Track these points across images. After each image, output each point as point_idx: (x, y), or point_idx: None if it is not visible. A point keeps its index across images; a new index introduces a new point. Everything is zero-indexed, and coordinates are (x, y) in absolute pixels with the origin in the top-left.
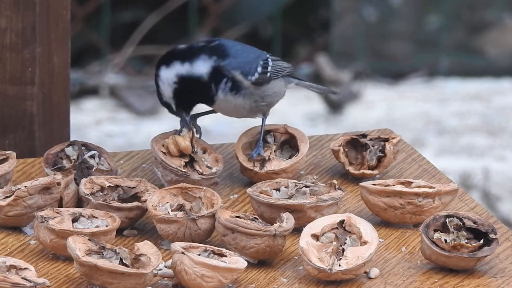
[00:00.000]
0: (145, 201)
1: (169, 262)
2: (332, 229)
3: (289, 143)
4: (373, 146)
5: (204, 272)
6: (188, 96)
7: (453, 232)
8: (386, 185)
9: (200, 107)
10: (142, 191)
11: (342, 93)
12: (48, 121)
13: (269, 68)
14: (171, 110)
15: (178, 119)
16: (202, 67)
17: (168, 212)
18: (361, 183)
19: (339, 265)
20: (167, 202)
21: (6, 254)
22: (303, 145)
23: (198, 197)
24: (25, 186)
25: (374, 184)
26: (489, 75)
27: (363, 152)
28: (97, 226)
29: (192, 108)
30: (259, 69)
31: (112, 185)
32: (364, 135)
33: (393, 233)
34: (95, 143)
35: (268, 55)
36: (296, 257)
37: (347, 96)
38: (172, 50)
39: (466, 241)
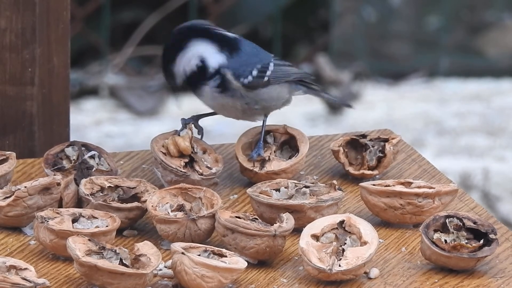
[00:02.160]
0: (145, 201)
1: (169, 263)
2: (332, 229)
3: (289, 143)
4: (373, 146)
5: (204, 272)
6: (193, 79)
7: (453, 233)
8: (386, 186)
9: (202, 108)
10: (142, 192)
11: (342, 93)
12: (48, 121)
13: (268, 72)
14: (171, 82)
15: (179, 119)
16: (217, 60)
17: (168, 213)
18: (361, 184)
19: (339, 266)
20: (167, 203)
21: (6, 254)
22: (303, 146)
23: (198, 197)
24: (25, 187)
25: (374, 185)
26: (489, 76)
27: (363, 153)
28: (97, 227)
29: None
30: (255, 73)
31: (112, 186)
32: (364, 136)
33: (393, 234)
34: (95, 143)
35: (272, 59)
36: (296, 258)
37: (347, 96)
38: (208, 29)
39: (466, 241)
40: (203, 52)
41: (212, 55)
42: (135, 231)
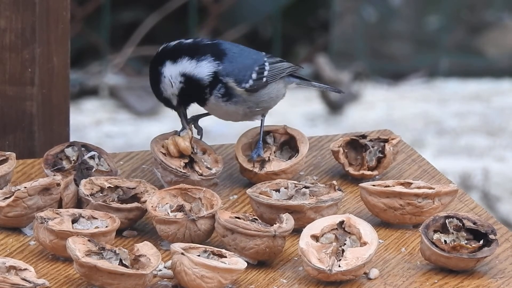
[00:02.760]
0: (144, 202)
1: (168, 263)
2: (331, 230)
3: (288, 143)
4: (372, 147)
5: (204, 273)
6: (189, 94)
7: (452, 233)
8: (385, 186)
9: (201, 109)
10: (141, 192)
11: (342, 93)
12: (48, 121)
13: (266, 73)
14: (169, 105)
15: (179, 119)
16: (206, 69)
17: (168, 213)
18: (361, 184)
19: (339, 266)
20: (166, 203)
21: (6, 254)
22: (302, 146)
23: (198, 198)
24: (25, 187)
25: (373, 185)
26: (489, 76)
27: (363, 153)
28: (96, 227)
29: (190, 104)
30: (254, 76)
31: (112, 186)
32: (363, 136)
33: (392, 234)
34: (94, 143)
35: (265, 58)
36: (296, 258)
37: (347, 96)
38: (179, 45)
39: (466, 241)
40: (184, 69)
41: (195, 67)
42: (134, 232)
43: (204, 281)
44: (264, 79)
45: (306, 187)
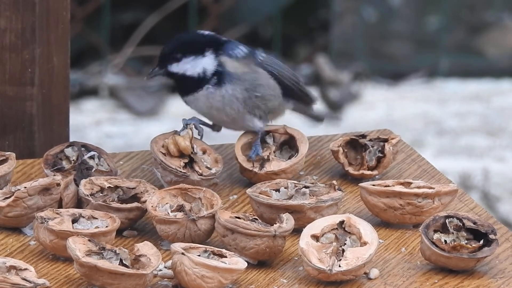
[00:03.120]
0: (144, 201)
1: (169, 263)
2: (332, 229)
3: (288, 143)
4: (372, 146)
5: (204, 272)
6: (189, 84)
7: (453, 233)
8: (385, 186)
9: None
10: (141, 192)
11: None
12: (48, 121)
13: (260, 57)
14: (159, 67)
15: (178, 119)
16: (212, 67)
17: (168, 213)
18: (361, 184)
19: (339, 266)
20: (166, 203)
21: (6, 254)
22: (302, 146)
23: (198, 197)
24: (25, 187)
25: (373, 185)
26: (489, 76)
27: (363, 153)
28: (96, 227)
29: None
30: (245, 49)
31: (112, 186)
32: (363, 136)
33: (392, 234)
34: (94, 143)
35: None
36: (296, 258)
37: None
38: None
39: (466, 241)
40: (205, 64)
41: (211, 64)
42: (135, 232)
43: (204, 281)
44: (260, 58)
45: (306, 187)
